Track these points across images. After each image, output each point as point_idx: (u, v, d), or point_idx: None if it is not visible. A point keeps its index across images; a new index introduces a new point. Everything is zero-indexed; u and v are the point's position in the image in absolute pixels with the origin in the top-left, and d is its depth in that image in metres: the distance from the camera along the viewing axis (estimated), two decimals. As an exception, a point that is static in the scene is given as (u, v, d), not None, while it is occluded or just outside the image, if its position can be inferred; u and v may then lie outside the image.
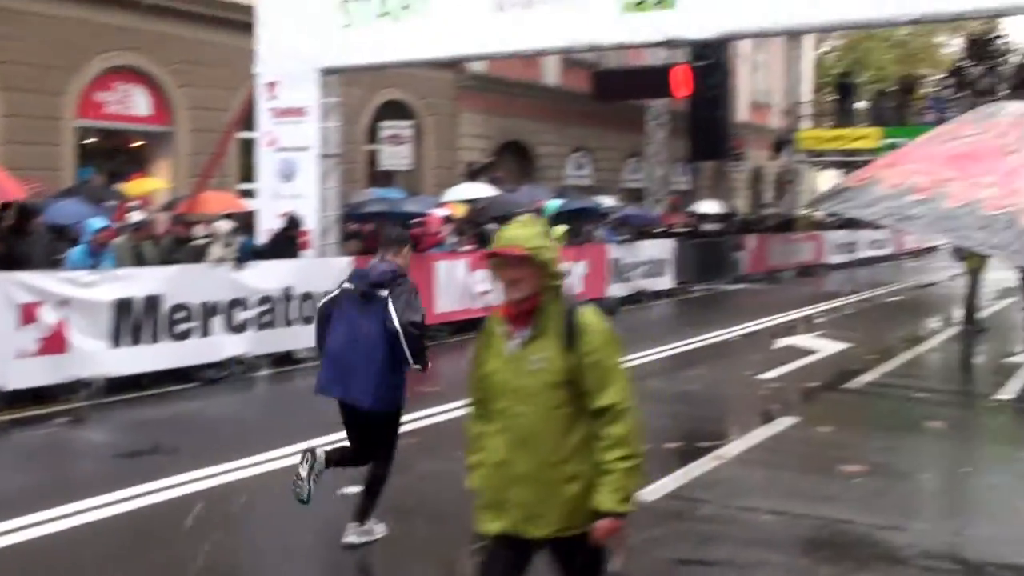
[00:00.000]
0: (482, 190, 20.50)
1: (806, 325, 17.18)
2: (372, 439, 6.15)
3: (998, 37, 32.05)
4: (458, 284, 15.84)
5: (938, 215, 1.41)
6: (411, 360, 5.97)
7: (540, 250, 3.63)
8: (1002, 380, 12.10)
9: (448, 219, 16.76)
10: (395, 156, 20.48)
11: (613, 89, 24.88)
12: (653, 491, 7.37)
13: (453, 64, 21.62)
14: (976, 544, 6.36)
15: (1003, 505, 7.19)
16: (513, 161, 26.78)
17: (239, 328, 12.12)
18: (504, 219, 17.53)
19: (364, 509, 6.15)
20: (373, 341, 5.95)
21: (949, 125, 1.55)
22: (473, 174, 23.23)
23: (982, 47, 29.92)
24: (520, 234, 3.67)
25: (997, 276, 17.10)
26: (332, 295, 6.32)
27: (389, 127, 20.75)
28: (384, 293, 5.99)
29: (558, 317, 3.67)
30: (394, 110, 22.33)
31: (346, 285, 6.22)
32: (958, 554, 6.20)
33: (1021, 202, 1.29)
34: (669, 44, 16.15)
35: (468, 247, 16.54)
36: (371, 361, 5.94)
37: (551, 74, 27.02)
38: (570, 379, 3.62)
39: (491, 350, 3.77)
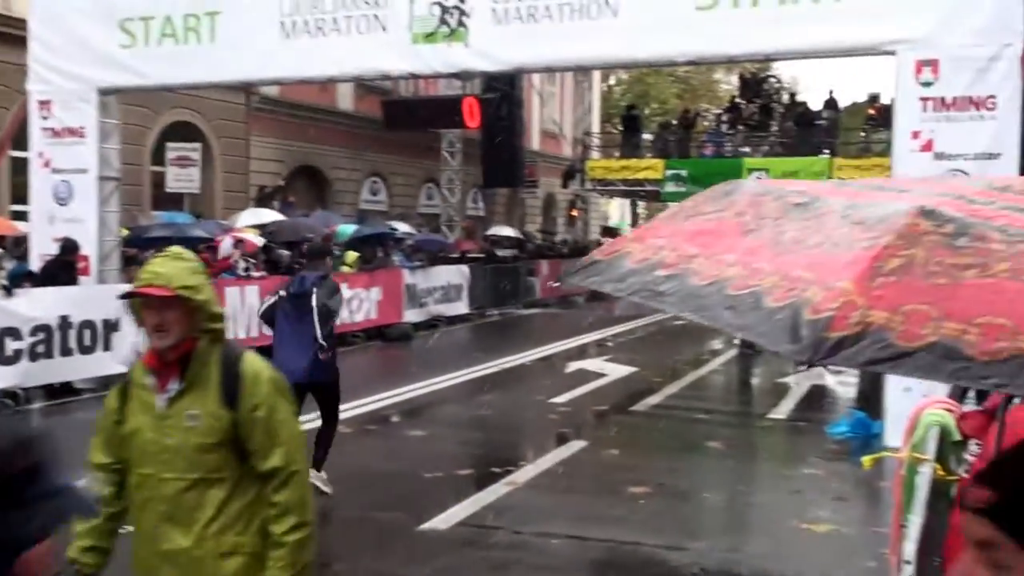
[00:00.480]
0: (273, 215, 20.09)
1: (597, 349, 17.69)
2: (324, 407, 8.29)
3: (770, 77, 34.18)
4: (250, 311, 15.41)
5: (687, 292, 1.38)
6: (319, 335, 7.79)
7: (192, 290, 3.06)
8: (775, 400, 12.84)
9: (238, 243, 16.31)
10: (182, 179, 19.83)
11: (404, 118, 24.98)
12: (445, 519, 7.40)
13: (243, 87, 21.14)
14: (751, 560, 6.68)
15: (776, 521, 7.60)
16: (306, 186, 26.40)
17: (10, 360, 11.37)
18: (296, 244, 17.32)
19: (319, 460, 7.95)
20: (308, 331, 7.79)
21: (691, 200, 1.56)
22: (264, 198, 22.74)
23: (755, 86, 31.78)
24: (167, 271, 3.08)
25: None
26: (271, 302, 8.26)
27: (176, 149, 20.08)
28: (315, 291, 7.92)
29: (216, 366, 3.14)
30: (182, 132, 21.60)
31: (282, 293, 8.16)
32: (734, 570, 6.50)
33: (764, 283, 1.26)
34: (460, 76, 16.45)
35: (259, 273, 16.14)
36: (308, 348, 7.80)
37: (345, 99, 26.84)
38: (231, 438, 3.11)
39: (135, 405, 3.19)
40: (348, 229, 20.63)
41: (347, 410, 11.49)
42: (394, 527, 7.23)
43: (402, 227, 23.65)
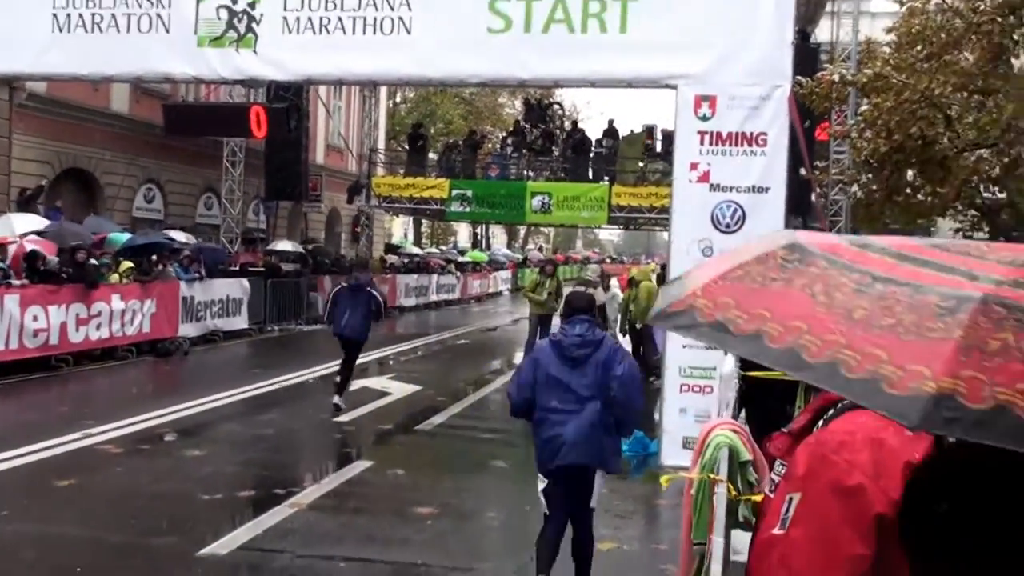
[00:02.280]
0: (36, 220, 18.77)
1: (380, 367, 17.51)
2: (353, 355, 12.84)
3: (554, 103, 35.07)
4: (10, 320, 14.32)
5: (761, 351, 1.49)
6: (380, 316, 13.03)
7: None
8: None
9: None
10: (-67, 178, 18.24)
11: (186, 124, 23.99)
12: (225, 544, 7.09)
13: (7, 82, 19.70)
14: (537, 579, 6.72)
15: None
16: (75, 190, 24.88)
17: None
18: (64, 251, 16.26)
19: (341, 389, 12.68)
20: (363, 310, 12.55)
21: (753, 261, 1.62)
22: (25, 201, 21.25)
23: (539, 111, 32.52)
24: None
25: (557, 322, 18.52)
26: (336, 290, 13.19)
27: (-74, 145, 18.47)
28: (368, 288, 12.77)
29: None
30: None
31: (343, 285, 13.10)
32: (522, 590, 6.52)
33: (839, 355, 1.38)
34: (247, 83, 15.98)
35: (20, 282, 15.04)
36: (364, 319, 12.63)
37: (121, 101, 25.50)
38: None
39: None
40: (121, 237, 19.59)
41: (118, 428, 10.90)
42: (170, 553, 6.85)
43: (180, 236, 22.67)
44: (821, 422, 2.68)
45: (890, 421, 1.32)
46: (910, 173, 17.16)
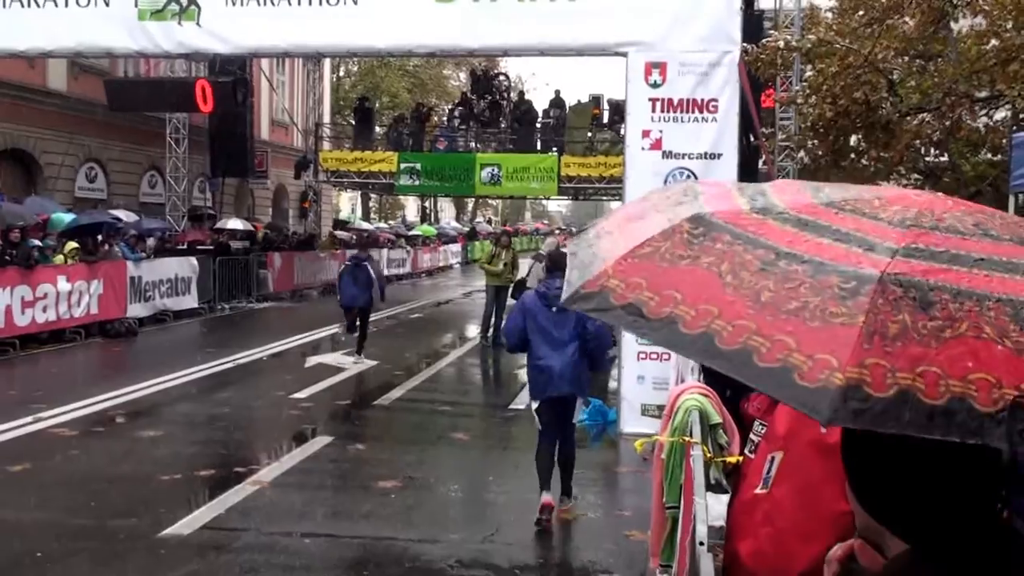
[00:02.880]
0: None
1: (334, 343, 17.41)
2: (364, 320, 15.22)
3: (500, 74, 34.91)
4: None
5: (676, 338, 1.47)
6: (382, 295, 15.06)
7: None
8: (515, 391, 13.11)
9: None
10: None
11: (130, 100, 23.52)
12: (187, 523, 7.03)
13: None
14: (505, 550, 6.76)
15: (526, 510, 7.71)
16: (15, 171, 24.32)
17: None
18: (3, 232, 15.90)
19: (360, 346, 15.19)
20: (365, 282, 14.65)
21: (660, 237, 1.59)
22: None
23: (486, 82, 32.35)
24: None
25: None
26: (342, 269, 15.96)
27: None
28: (367, 264, 15.02)
29: None
30: None
31: (347, 262, 15.78)
32: (490, 561, 6.54)
33: (751, 342, 1.37)
34: (190, 57, 15.69)
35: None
36: (366, 288, 14.63)
37: (58, 79, 24.92)
38: None
39: None
40: (64, 218, 19.21)
41: (70, 411, 10.73)
42: (132, 535, 6.76)
43: (124, 216, 22.29)
44: None
45: None
46: (855, 138, 17.35)
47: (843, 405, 1.23)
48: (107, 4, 12.01)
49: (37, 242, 17.13)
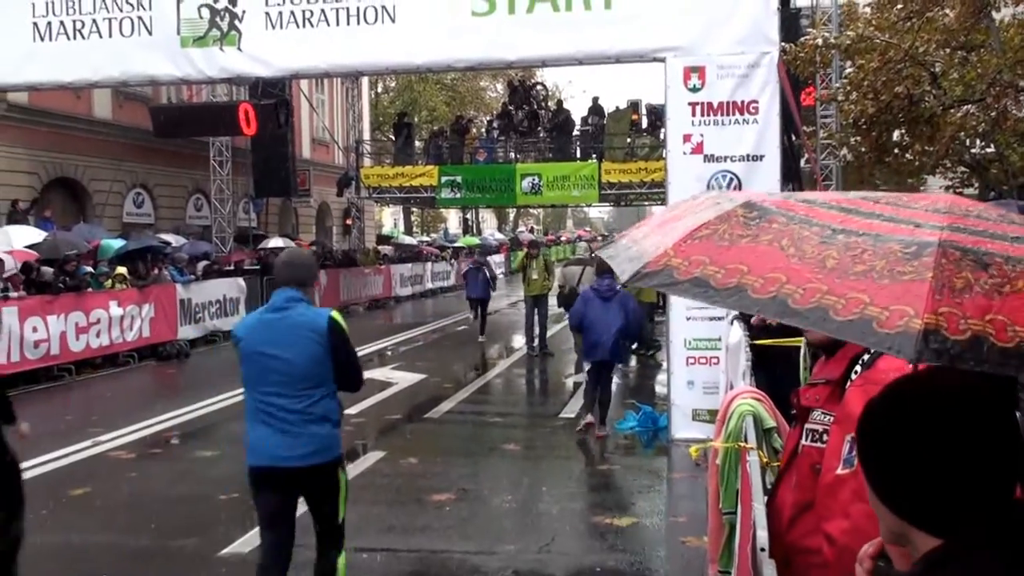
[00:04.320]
0: (28, 232, 18.70)
1: (382, 358, 17.51)
2: (483, 308, 20.79)
3: (537, 84, 35.00)
4: (9, 333, 14.32)
5: (749, 303, 1.57)
6: (492, 288, 20.36)
7: None
8: (564, 400, 13.13)
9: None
10: (-78, 195, 18.16)
11: (175, 126, 23.87)
12: (246, 542, 7.09)
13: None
14: (561, 559, 6.77)
15: (580, 519, 7.75)
16: (64, 199, 24.80)
17: None
18: (57, 262, 16.22)
19: (482, 328, 19.95)
20: (483, 280, 20.50)
21: (716, 220, 1.69)
22: (17, 214, 21.16)
23: (524, 92, 32.45)
24: None
25: (553, 302, 18.56)
26: (466, 271, 21.37)
27: (-87, 162, 18.36)
28: (484, 267, 20.84)
29: None
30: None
31: (471, 266, 21.11)
32: (546, 570, 6.56)
33: (825, 300, 1.48)
34: (232, 81, 15.91)
35: (18, 293, 15.01)
36: (484, 285, 20.49)
37: (103, 107, 25.39)
38: None
39: None
40: (114, 244, 19.53)
41: (126, 434, 10.90)
42: (192, 555, 6.87)
43: (174, 239, 22.63)
44: (859, 367, 2.78)
45: None
46: (898, 133, 17.19)
47: (926, 346, 1.35)
48: (150, 33, 12.22)
49: (90, 269, 17.44)
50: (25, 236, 17.76)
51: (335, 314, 5.00)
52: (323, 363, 5.00)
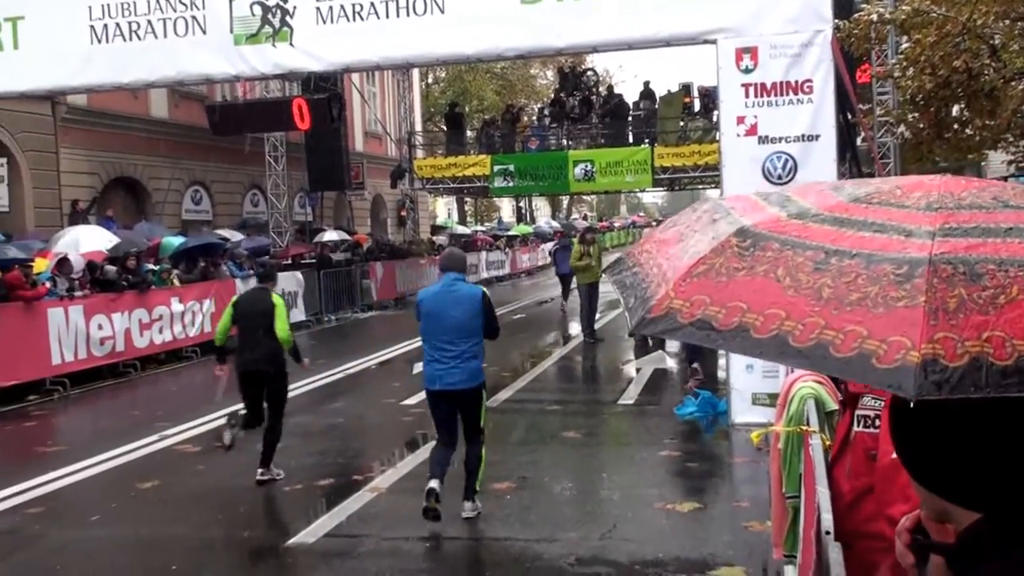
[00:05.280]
0: (92, 230, 19.07)
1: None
2: (568, 285, 21.82)
3: (588, 70, 34.84)
4: (75, 331, 14.65)
5: (751, 344, 1.58)
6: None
7: None
8: (622, 386, 13.10)
9: (63, 263, 15.38)
10: (-12, 197, 18.60)
11: (232, 123, 24.13)
12: (311, 532, 7.21)
13: (49, 97, 20.01)
14: (624, 545, 6.76)
15: (641, 505, 7.73)
16: (125, 198, 25.26)
17: None
18: (119, 260, 16.53)
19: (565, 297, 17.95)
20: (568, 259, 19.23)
21: (710, 252, 1.69)
22: (79, 213, 21.61)
23: (575, 79, 32.32)
24: None
25: (605, 288, 18.51)
26: (554, 250, 24.60)
27: (-22, 166, 18.81)
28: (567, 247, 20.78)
29: None
30: (-16, 147, 20.26)
31: (556, 245, 24.72)
32: (608, 557, 6.56)
33: (824, 336, 1.49)
34: (285, 77, 16.05)
35: (83, 292, 15.33)
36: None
37: (160, 107, 25.80)
38: None
39: None
40: (174, 241, 19.85)
41: (192, 428, 11.10)
42: (260, 545, 6.99)
43: (230, 235, 22.95)
44: None
45: None
46: (957, 108, 16.84)
47: (925, 379, 1.32)
48: (204, 32, 12.40)
49: (152, 266, 17.75)
50: (97, 237, 18.07)
51: (485, 290, 7.54)
52: (477, 320, 7.36)
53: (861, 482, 2.88)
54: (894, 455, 2.63)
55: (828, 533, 2.53)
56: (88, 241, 17.43)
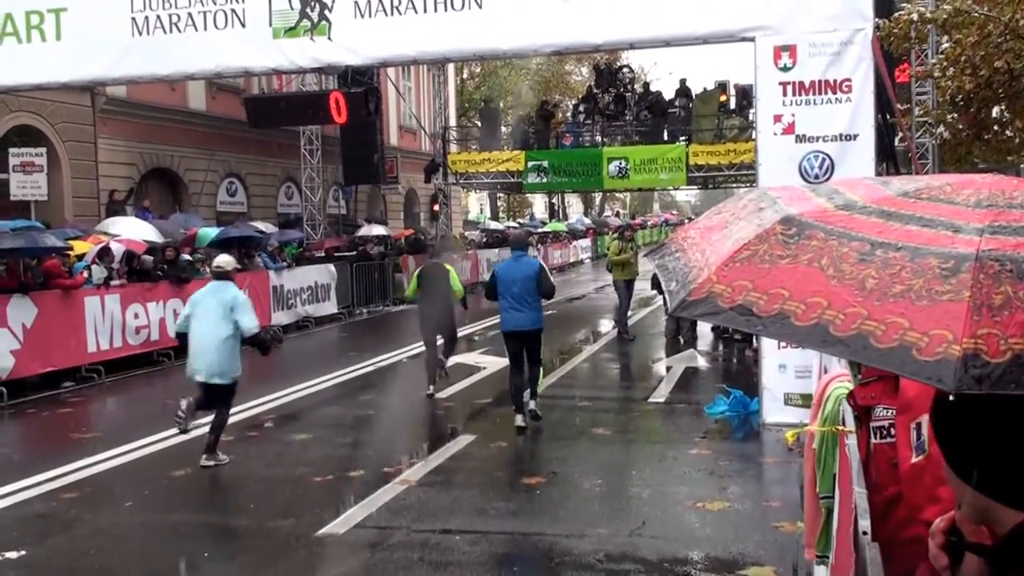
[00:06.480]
0: (129, 221, 19.26)
1: (471, 343, 17.64)
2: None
3: (623, 67, 34.74)
4: (111, 320, 14.83)
5: (790, 332, 1.58)
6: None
7: None
8: (653, 384, 13.06)
9: (103, 252, 15.55)
10: (28, 186, 18.80)
11: (269, 116, 24.32)
12: (342, 523, 7.26)
13: (89, 88, 20.23)
14: (652, 543, 6.75)
15: (671, 503, 7.71)
16: (161, 189, 25.49)
17: None
18: (157, 251, 16.70)
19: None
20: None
21: (755, 239, 1.69)
22: (116, 203, 21.83)
23: (610, 76, 32.23)
24: None
25: (640, 286, 18.47)
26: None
27: (18, 155, 19.01)
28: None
29: None
30: (25, 136, 20.50)
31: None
32: (637, 554, 6.55)
33: (865, 327, 1.48)
34: (322, 70, 16.13)
35: (119, 281, 15.49)
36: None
37: (197, 99, 25.99)
38: None
39: None
40: (209, 232, 20.01)
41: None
42: (291, 535, 7.03)
43: (264, 227, 23.10)
44: None
45: None
46: (997, 109, 16.65)
47: (965, 373, 1.32)
48: (243, 25, 12.46)
49: (188, 257, 17.90)
50: (139, 229, 18.23)
51: (541, 263, 11.06)
52: (537, 283, 10.49)
53: (889, 491, 2.87)
54: (913, 460, 2.60)
55: (866, 533, 2.51)
56: (132, 233, 17.59)
